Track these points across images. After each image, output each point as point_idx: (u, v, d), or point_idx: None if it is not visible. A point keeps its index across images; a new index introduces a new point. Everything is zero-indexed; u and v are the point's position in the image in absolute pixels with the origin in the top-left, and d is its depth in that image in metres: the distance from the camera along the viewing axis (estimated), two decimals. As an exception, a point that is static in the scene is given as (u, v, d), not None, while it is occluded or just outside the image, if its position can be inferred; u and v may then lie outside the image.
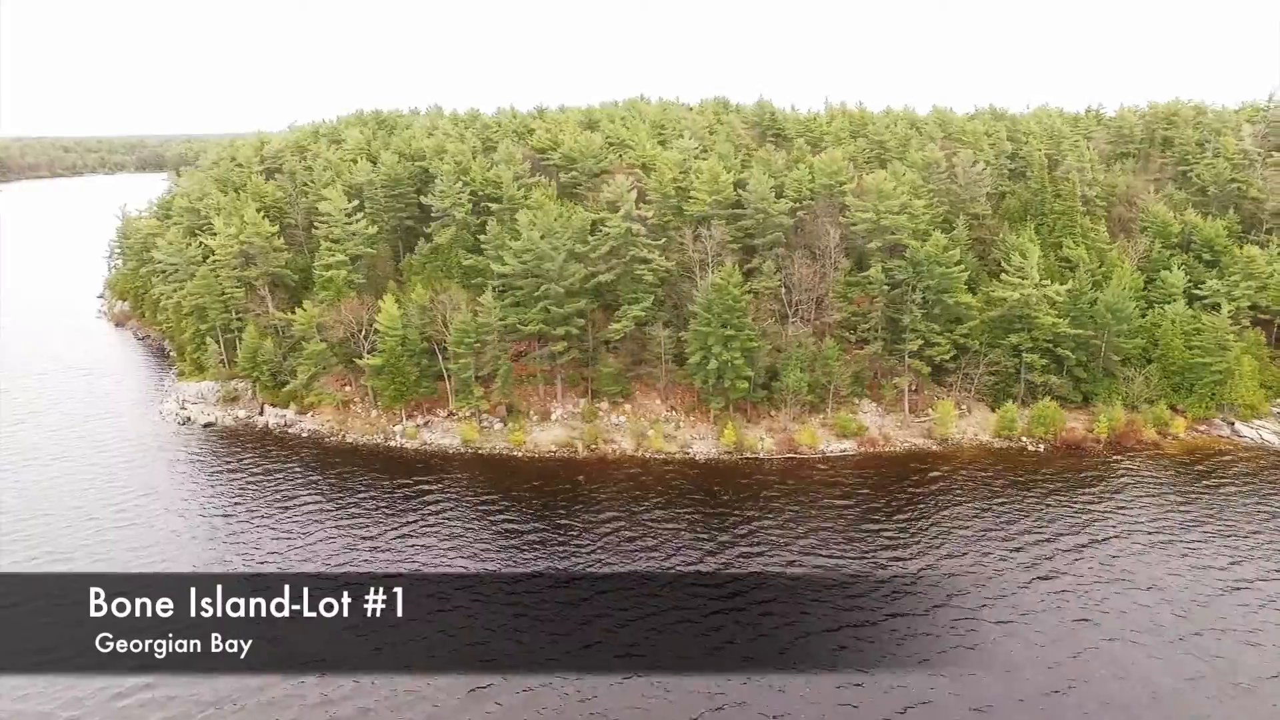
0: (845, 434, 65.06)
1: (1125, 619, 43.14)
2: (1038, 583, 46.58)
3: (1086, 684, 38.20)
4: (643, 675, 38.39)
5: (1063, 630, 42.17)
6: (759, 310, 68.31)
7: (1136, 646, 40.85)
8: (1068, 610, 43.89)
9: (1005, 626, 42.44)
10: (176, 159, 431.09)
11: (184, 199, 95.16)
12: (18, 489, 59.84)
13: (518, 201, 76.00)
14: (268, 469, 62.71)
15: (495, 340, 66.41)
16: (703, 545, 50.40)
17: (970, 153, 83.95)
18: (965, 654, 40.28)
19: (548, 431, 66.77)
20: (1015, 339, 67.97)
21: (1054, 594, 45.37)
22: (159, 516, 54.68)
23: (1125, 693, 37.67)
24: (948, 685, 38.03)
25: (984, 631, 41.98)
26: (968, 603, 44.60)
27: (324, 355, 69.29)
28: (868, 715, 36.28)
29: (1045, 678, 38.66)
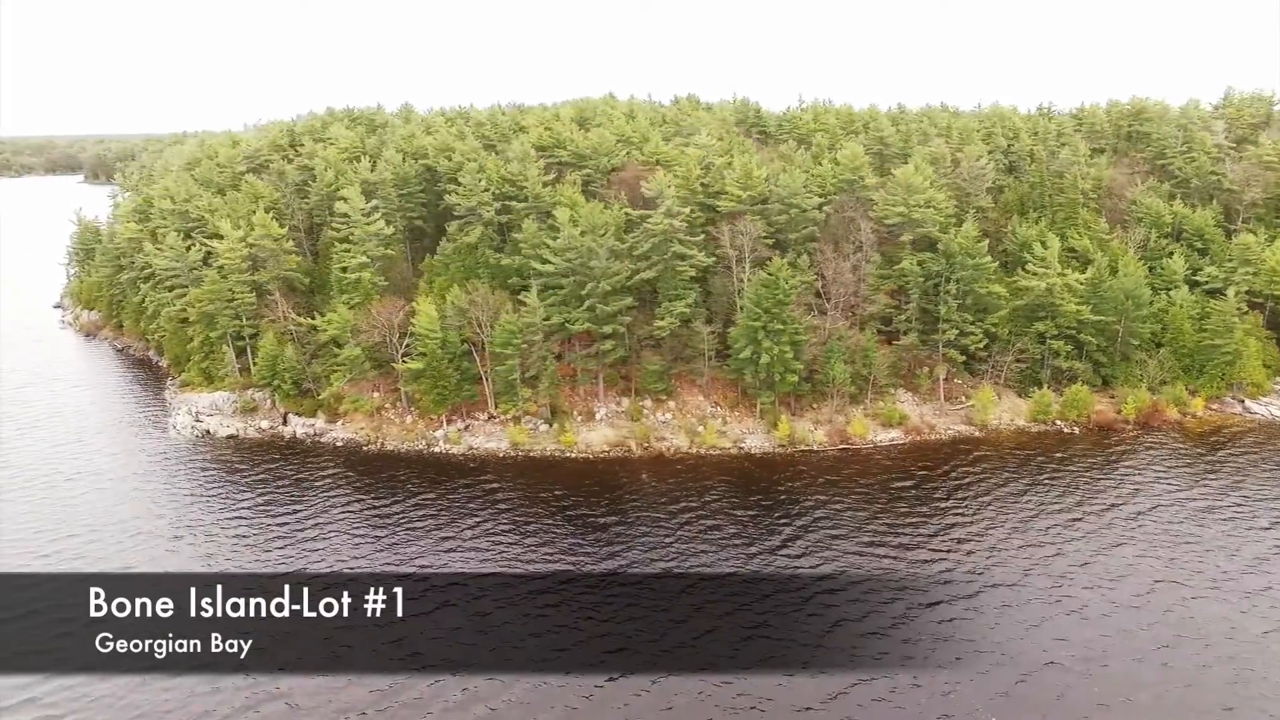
0: (889, 423, 66.48)
1: (1201, 576, 46.36)
2: (1110, 550, 49.26)
3: (1193, 640, 40.49)
4: (645, 676, 37.80)
5: (1146, 589, 45.02)
6: (795, 304, 69.08)
7: (1218, 602, 43.77)
8: (1146, 572, 46.67)
9: (1099, 591, 44.60)
10: (93, 160, 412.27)
11: (167, 201, 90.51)
12: (46, 504, 56.54)
13: (544, 200, 74.97)
14: (308, 480, 60.34)
15: (540, 341, 65.42)
16: (770, 540, 50.75)
17: (976, 148, 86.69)
18: (1090, 608, 41.97)
19: (596, 431, 66.14)
20: (1041, 326, 70.63)
21: (1131, 561, 47.92)
22: (211, 537, 52.07)
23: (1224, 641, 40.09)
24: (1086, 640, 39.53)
25: (1082, 597, 43.71)
26: (1056, 569, 46.43)
27: (358, 361, 66.98)
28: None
29: (1155, 630, 41.07)
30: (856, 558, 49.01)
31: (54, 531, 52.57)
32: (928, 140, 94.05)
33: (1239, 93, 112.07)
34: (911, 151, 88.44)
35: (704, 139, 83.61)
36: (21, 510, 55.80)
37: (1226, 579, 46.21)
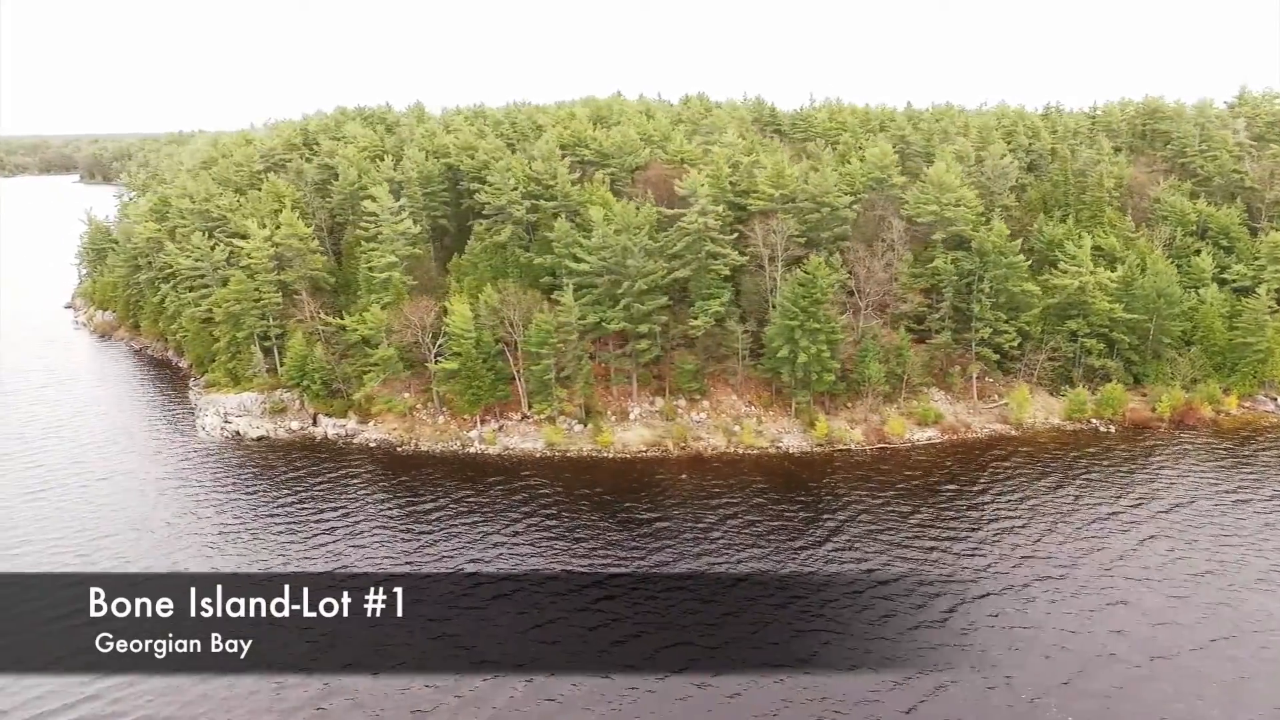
0: (924, 422, 66.32)
1: (1247, 569, 46.63)
2: (1153, 543, 49.58)
3: (1252, 634, 40.57)
4: (649, 676, 37.66)
5: (1194, 582, 45.01)
6: (829, 303, 68.83)
7: (1264, 594, 44.22)
8: (1192, 566, 46.90)
9: (1148, 585, 44.67)
10: (89, 160, 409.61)
11: (185, 200, 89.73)
12: (83, 505, 56.18)
13: (573, 198, 74.60)
14: (346, 481, 59.83)
15: (576, 340, 65.03)
16: (817, 538, 50.57)
17: (1000, 146, 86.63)
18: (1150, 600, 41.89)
19: (631, 431, 65.79)
20: (1073, 325, 70.58)
21: (1177, 554, 48.11)
22: (256, 537, 51.54)
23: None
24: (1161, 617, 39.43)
25: (1132, 589, 43.62)
26: (1102, 562, 46.38)
27: (392, 361, 66.46)
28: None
29: (1211, 624, 40.92)
30: (904, 553, 49.01)
31: (93, 531, 52.24)
32: (948, 139, 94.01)
33: (1252, 91, 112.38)
34: (934, 150, 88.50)
35: (730, 137, 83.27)
36: (59, 510, 55.35)
37: (1274, 571, 46.45)
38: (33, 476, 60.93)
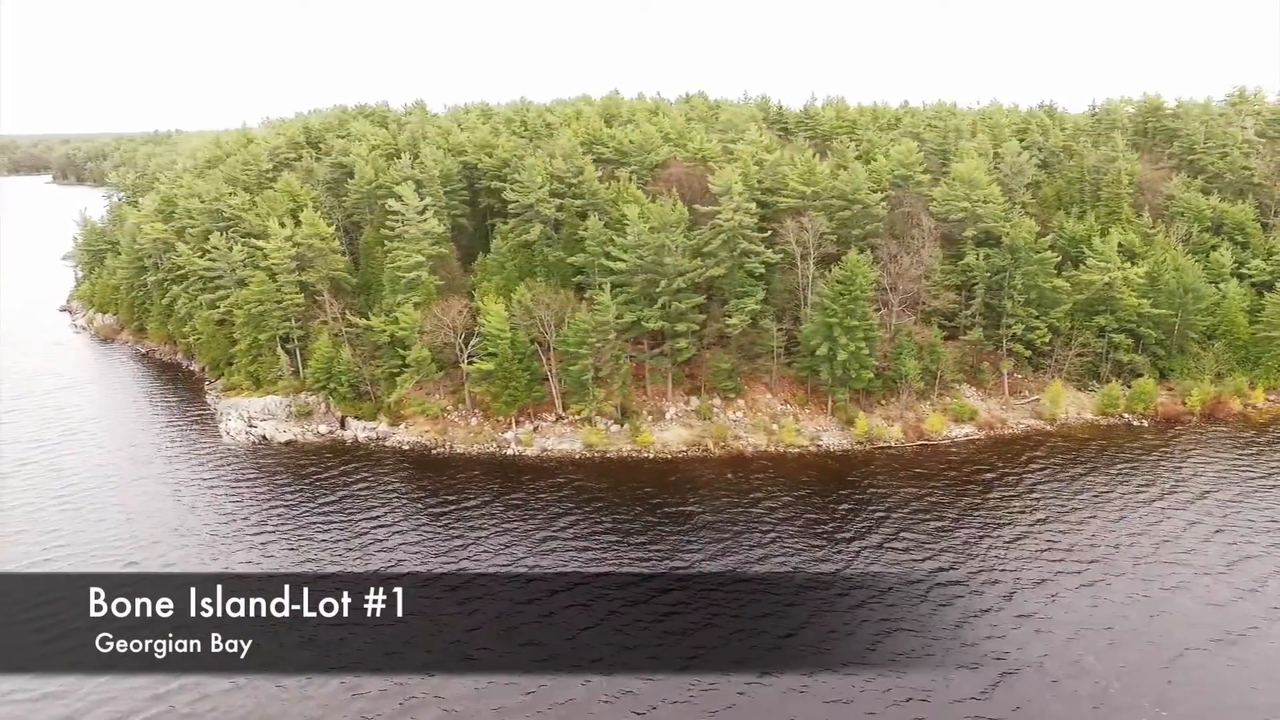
0: (960, 418, 66.45)
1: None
2: (1214, 536, 50.02)
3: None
4: (653, 675, 37.49)
5: (1261, 575, 45.38)
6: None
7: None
8: (1254, 557, 47.40)
9: (1215, 577, 45.00)
10: (62, 160, 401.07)
11: (195, 200, 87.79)
12: (117, 510, 54.90)
13: (600, 197, 73.87)
14: (385, 484, 58.74)
15: (614, 340, 64.37)
16: (874, 536, 50.44)
17: (1015, 144, 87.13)
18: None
19: (669, 431, 65.24)
20: (1101, 320, 71.10)
21: (1237, 547, 48.55)
22: (306, 539, 50.37)
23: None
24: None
25: (1198, 582, 43.93)
26: (1165, 556, 46.72)
27: (426, 362, 65.35)
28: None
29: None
30: (961, 547, 49.04)
31: (137, 538, 51.19)
32: (962, 136, 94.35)
33: (1248, 89, 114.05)
34: (949, 148, 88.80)
35: (753, 134, 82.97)
36: (95, 516, 54.10)
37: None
38: (60, 482, 59.34)
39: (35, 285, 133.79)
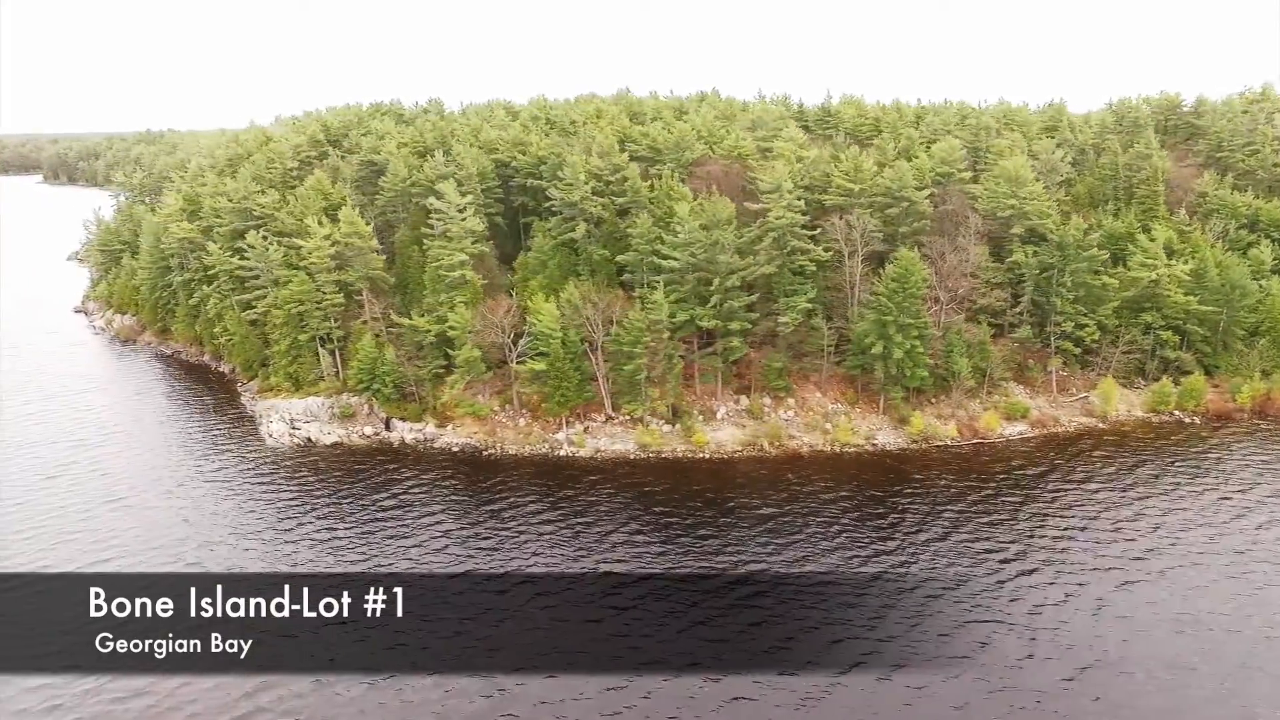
0: (1012, 416, 66.18)
1: None
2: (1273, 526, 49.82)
3: None
4: (652, 675, 37.31)
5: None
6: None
7: None
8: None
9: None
10: (53, 160, 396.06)
11: (222, 199, 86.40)
12: (173, 512, 54.05)
13: (643, 194, 73.13)
14: (447, 485, 57.87)
15: (668, 339, 63.67)
16: (954, 535, 50.04)
17: (1049, 141, 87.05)
18: None
19: (721, 431, 64.61)
20: (1148, 318, 71.01)
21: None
22: (388, 541, 49.46)
23: None
24: None
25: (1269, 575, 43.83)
26: (1230, 546, 46.69)
27: (476, 362, 64.45)
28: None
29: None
30: (1033, 543, 48.85)
31: (203, 538, 50.42)
32: (991, 134, 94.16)
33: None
34: (983, 146, 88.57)
35: (791, 131, 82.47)
36: (150, 517, 53.43)
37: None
38: (108, 483, 58.59)
39: (43, 286, 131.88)
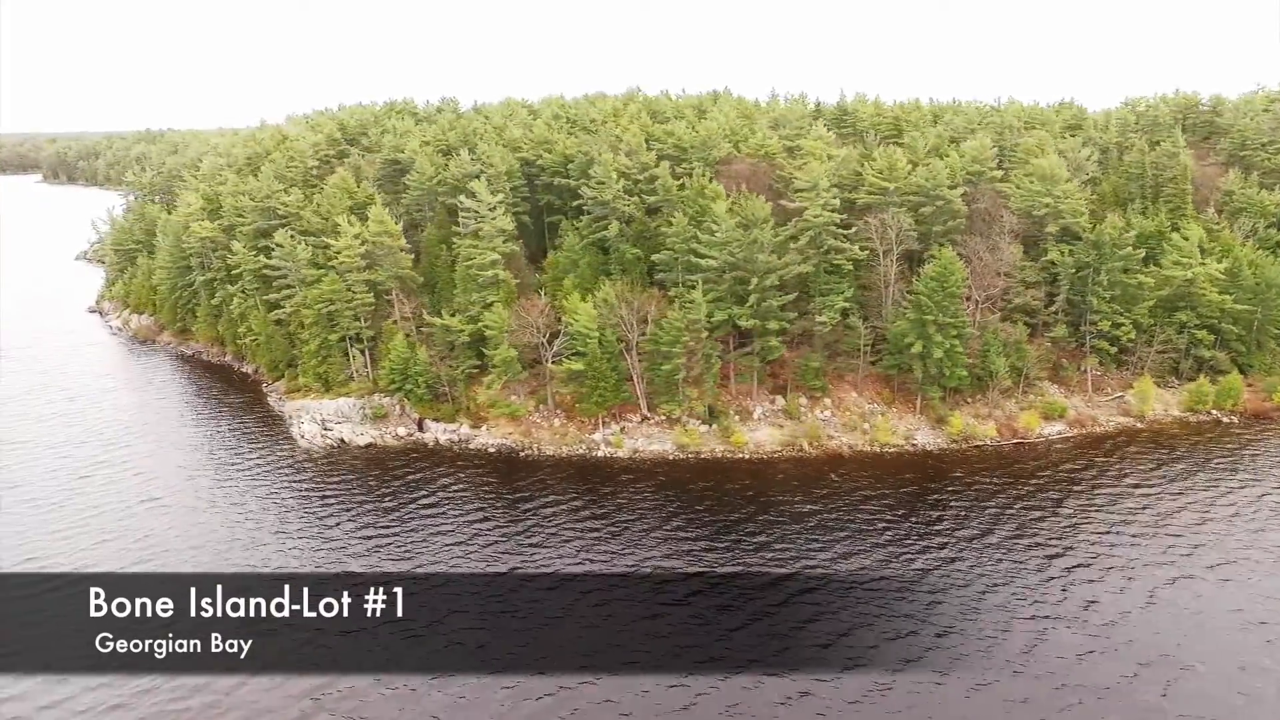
0: (1049, 416, 65.86)
1: None
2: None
3: None
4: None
5: None
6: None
7: None
8: None
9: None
10: (53, 159, 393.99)
11: (242, 198, 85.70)
12: (214, 511, 53.69)
13: (674, 193, 72.64)
14: (481, 486, 57.34)
15: (706, 338, 63.22)
16: (1013, 534, 49.72)
17: (1079, 140, 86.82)
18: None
19: (759, 431, 64.17)
20: (1183, 316, 70.77)
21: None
22: (426, 542, 48.91)
23: None
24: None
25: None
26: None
27: (512, 362, 63.91)
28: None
29: None
30: (1098, 540, 48.66)
31: (247, 539, 49.81)
32: (1015, 132, 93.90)
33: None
34: (1008, 145, 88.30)
35: (820, 130, 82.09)
36: (189, 518, 52.85)
37: None
38: (141, 484, 58.24)
39: (54, 286, 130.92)
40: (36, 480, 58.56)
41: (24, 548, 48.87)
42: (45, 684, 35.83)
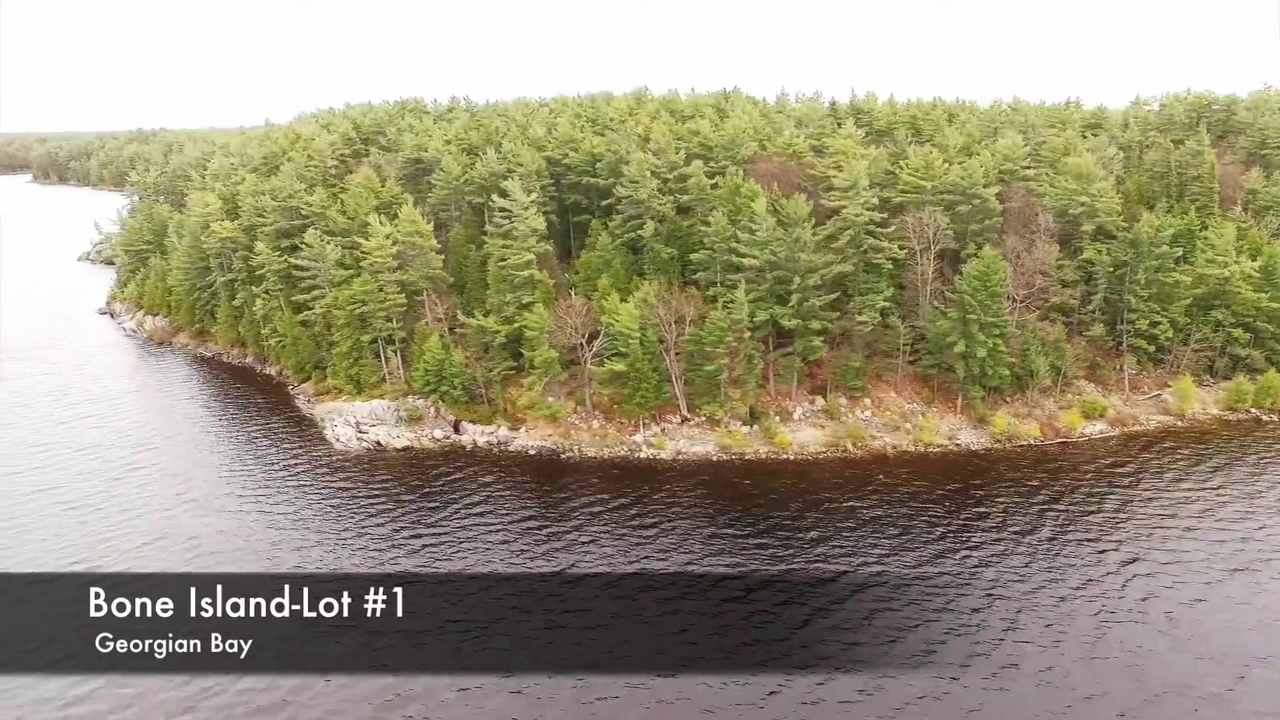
0: (1090, 415, 65.67)
1: None
2: None
3: None
4: (655, 675, 36.54)
5: None
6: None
7: None
8: None
9: None
10: (43, 159, 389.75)
11: (263, 198, 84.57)
12: (261, 514, 52.69)
13: (709, 193, 72.05)
14: (523, 488, 56.63)
15: (748, 338, 62.67)
16: (1080, 534, 49.48)
17: (1102, 139, 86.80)
18: None
19: (800, 431, 63.67)
20: (1218, 315, 70.76)
21: None
22: (489, 545, 48.18)
23: None
24: None
25: None
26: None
27: (553, 363, 63.19)
28: None
29: None
30: (1162, 542, 48.38)
31: (300, 540, 49.18)
32: (1037, 131, 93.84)
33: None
34: (1034, 143, 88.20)
35: (850, 129, 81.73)
36: (235, 522, 52.09)
37: None
38: (179, 485, 57.59)
39: (59, 288, 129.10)
40: (70, 483, 57.50)
41: (65, 551, 47.92)
42: (45, 684, 35.76)
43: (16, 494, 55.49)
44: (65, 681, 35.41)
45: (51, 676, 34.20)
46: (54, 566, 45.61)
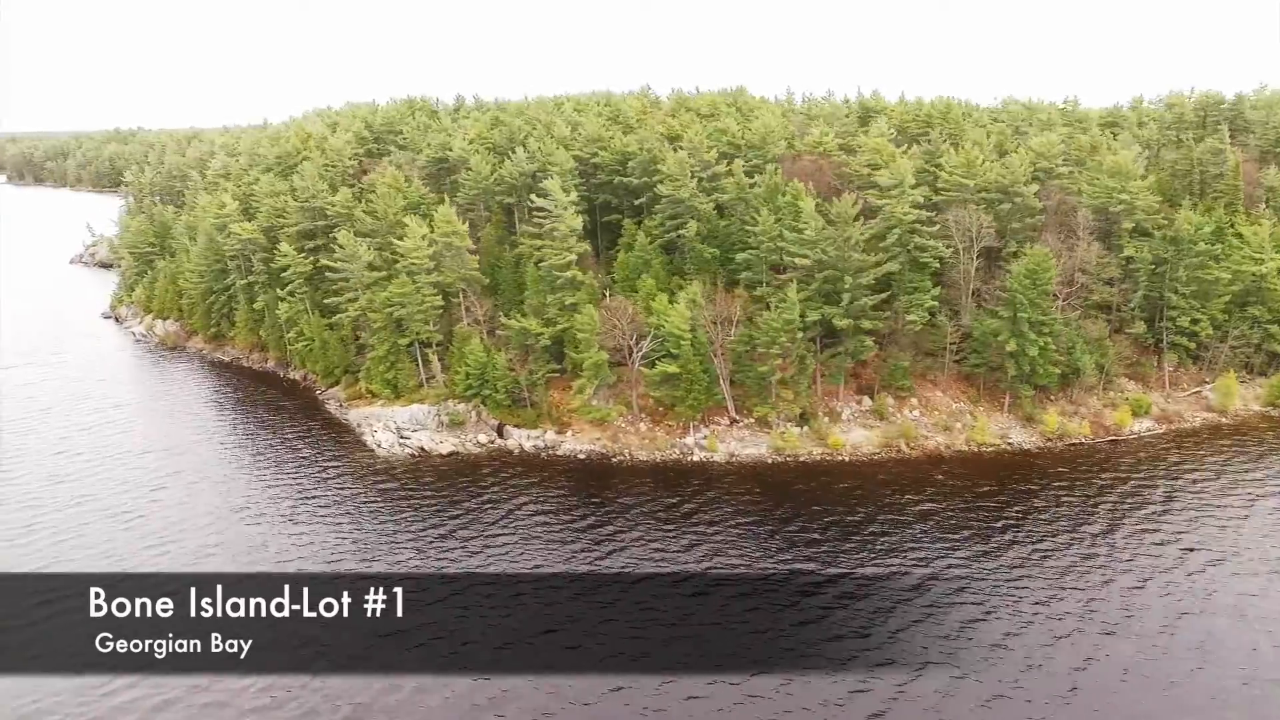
0: (1136, 413, 65.75)
1: None
2: None
3: None
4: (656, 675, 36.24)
5: None
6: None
7: None
8: None
9: None
10: (18, 160, 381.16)
11: (283, 198, 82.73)
12: (320, 523, 51.11)
13: (749, 193, 71.37)
14: (575, 491, 55.63)
15: (800, 339, 62.04)
16: (1161, 533, 49.36)
17: (1129, 135, 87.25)
18: None
19: (851, 432, 63.15)
20: (1255, 311, 71.23)
21: None
22: (563, 549, 47.15)
23: None
24: None
25: None
26: None
27: (602, 366, 62.14)
28: None
29: None
30: (1237, 537, 48.38)
31: (363, 542, 48.65)
32: (1054, 130, 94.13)
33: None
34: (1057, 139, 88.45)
35: (883, 126, 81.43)
36: (291, 529, 51.07)
37: None
38: (225, 492, 56.43)
39: (57, 291, 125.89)
40: (110, 492, 55.75)
41: (113, 561, 46.31)
42: (45, 684, 35.64)
43: (59, 501, 53.67)
44: (65, 681, 35.32)
45: (52, 676, 33.50)
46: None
